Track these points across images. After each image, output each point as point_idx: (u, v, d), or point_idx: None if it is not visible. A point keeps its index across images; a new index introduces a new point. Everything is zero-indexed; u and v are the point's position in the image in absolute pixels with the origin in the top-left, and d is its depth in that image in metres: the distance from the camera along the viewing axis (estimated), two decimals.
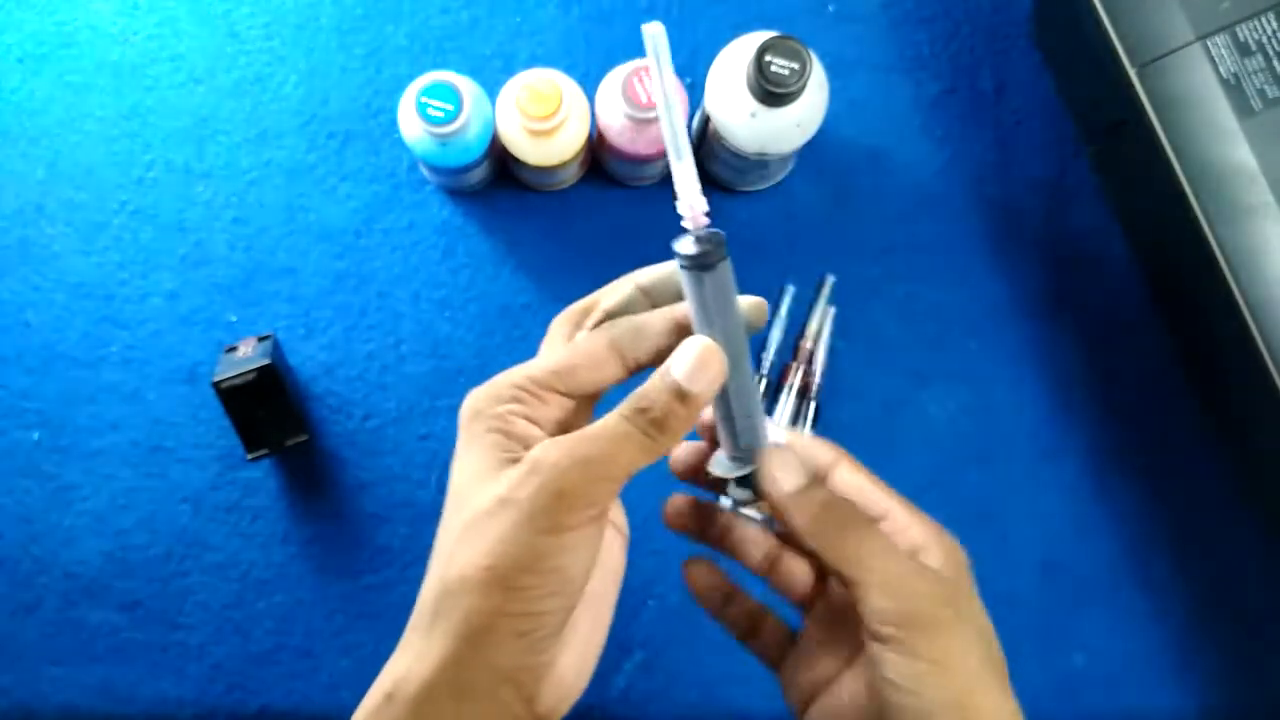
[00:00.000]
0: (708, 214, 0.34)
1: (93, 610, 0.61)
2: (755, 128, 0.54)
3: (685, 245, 0.33)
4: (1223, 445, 0.64)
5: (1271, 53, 0.51)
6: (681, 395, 0.33)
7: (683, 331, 0.36)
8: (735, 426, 0.36)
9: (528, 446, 0.34)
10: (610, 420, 0.34)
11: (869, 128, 0.65)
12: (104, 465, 0.61)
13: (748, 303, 0.36)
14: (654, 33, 0.36)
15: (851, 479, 0.38)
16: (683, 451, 0.42)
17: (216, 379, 0.56)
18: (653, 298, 0.38)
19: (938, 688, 0.33)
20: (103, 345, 0.62)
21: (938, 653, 0.33)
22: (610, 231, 0.63)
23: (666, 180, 0.64)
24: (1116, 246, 0.65)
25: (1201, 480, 0.64)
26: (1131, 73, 0.53)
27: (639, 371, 0.36)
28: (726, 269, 0.33)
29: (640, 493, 0.63)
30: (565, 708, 0.35)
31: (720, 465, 0.38)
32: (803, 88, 0.51)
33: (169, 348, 0.62)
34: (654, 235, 0.63)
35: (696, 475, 0.42)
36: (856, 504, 0.37)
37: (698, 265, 0.33)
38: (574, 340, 0.37)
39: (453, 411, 0.66)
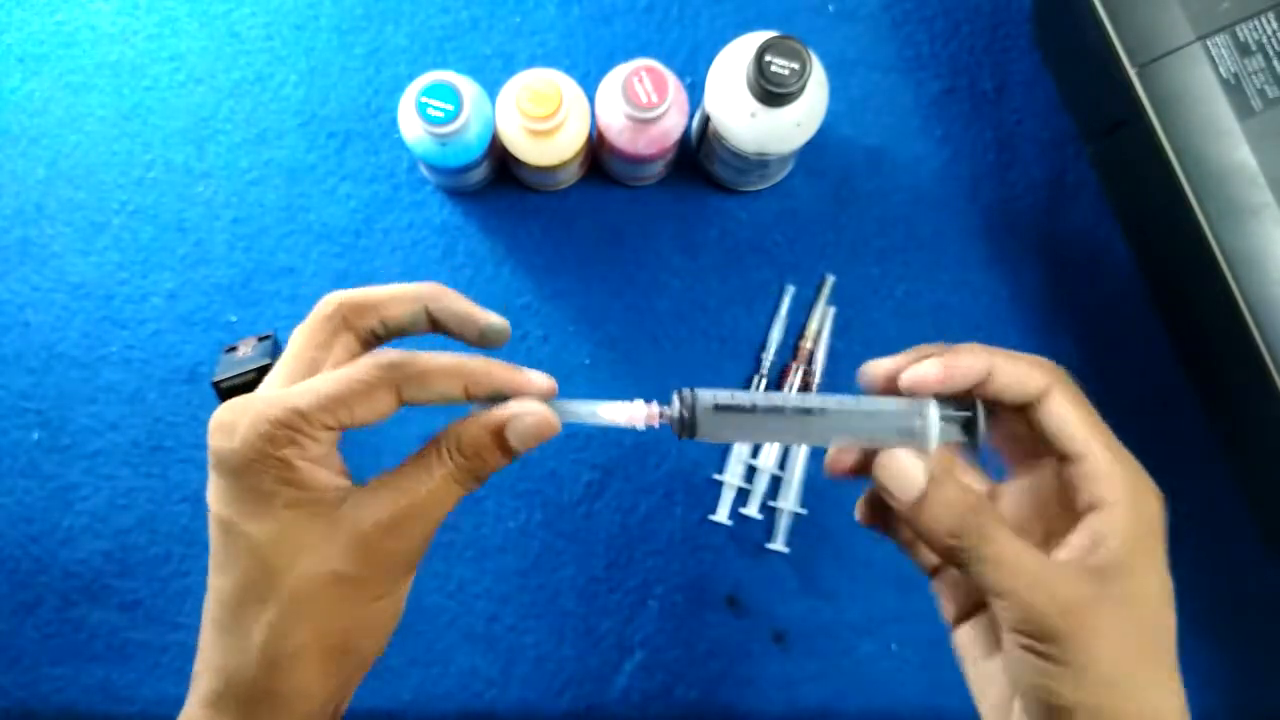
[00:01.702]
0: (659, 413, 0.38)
1: (93, 610, 0.61)
2: (755, 128, 0.54)
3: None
4: (1222, 445, 0.64)
5: (1271, 53, 0.51)
6: (511, 455, 0.35)
7: (482, 389, 0.36)
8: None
9: (313, 488, 0.34)
10: (433, 473, 0.35)
11: (869, 128, 0.65)
12: (104, 465, 0.61)
13: (489, 321, 0.37)
14: None
15: (1058, 411, 0.36)
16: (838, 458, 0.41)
17: (216, 379, 0.56)
18: (440, 326, 0.37)
19: (1069, 690, 0.32)
20: (103, 345, 0.62)
21: (1070, 658, 0.32)
22: (610, 231, 0.63)
23: (666, 180, 0.64)
24: (1116, 246, 0.65)
25: (1201, 480, 0.64)
26: (1131, 73, 0.53)
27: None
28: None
29: (638, 495, 0.63)
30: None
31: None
32: (803, 88, 0.51)
33: (169, 348, 0.62)
34: (654, 235, 0.63)
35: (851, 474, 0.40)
36: (987, 504, 0.35)
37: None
38: (347, 366, 0.35)
39: (453, 411, 0.66)
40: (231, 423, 0.33)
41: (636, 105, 0.54)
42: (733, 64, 0.54)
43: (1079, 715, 0.32)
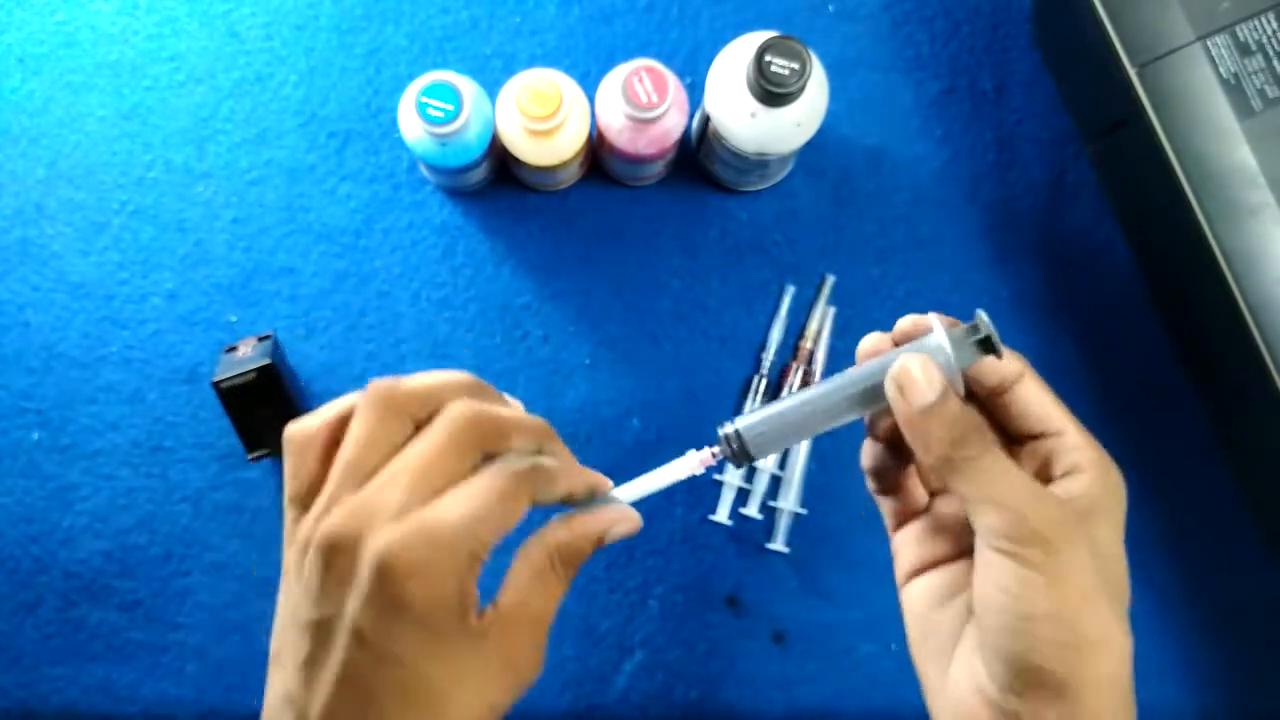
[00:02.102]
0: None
1: (93, 610, 0.61)
2: (755, 128, 0.54)
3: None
4: (1222, 445, 0.64)
5: (1271, 53, 0.51)
6: (601, 544, 0.38)
7: (584, 487, 0.39)
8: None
9: (472, 619, 0.34)
10: (556, 591, 0.37)
11: (869, 128, 0.65)
12: (104, 465, 0.61)
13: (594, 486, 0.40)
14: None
15: (1036, 394, 0.39)
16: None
17: (216, 379, 0.56)
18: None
19: (1042, 598, 0.34)
20: (103, 345, 0.62)
21: (1048, 568, 0.34)
22: (610, 231, 0.63)
23: (666, 180, 0.64)
24: (1116, 246, 0.65)
25: (1201, 480, 0.64)
26: (1131, 73, 0.53)
27: None
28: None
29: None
30: None
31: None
32: (803, 88, 0.51)
33: (169, 348, 0.62)
34: (654, 235, 0.63)
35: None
36: (985, 423, 0.38)
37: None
38: (487, 480, 0.35)
39: None
40: (423, 564, 0.32)
41: (636, 105, 0.54)
42: (733, 64, 0.54)
43: (1046, 625, 0.34)
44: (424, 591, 0.32)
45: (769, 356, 0.63)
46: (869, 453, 0.43)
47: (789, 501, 0.62)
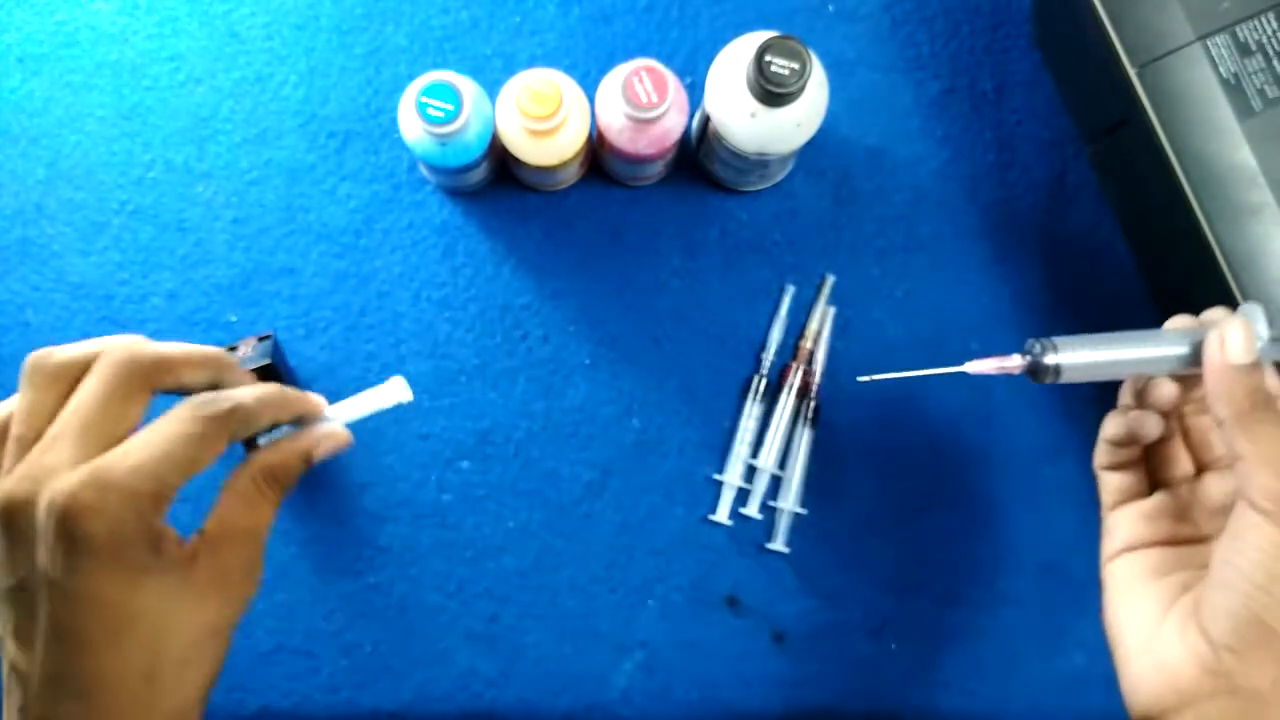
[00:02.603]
0: None
1: None
2: (755, 128, 0.54)
3: None
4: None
5: (1271, 53, 0.51)
6: (310, 466, 0.41)
7: (290, 413, 0.41)
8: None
9: (172, 553, 0.36)
10: (266, 510, 0.39)
11: (869, 128, 0.65)
12: None
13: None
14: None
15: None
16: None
17: None
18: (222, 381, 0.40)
19: None
20: None
21: None
22: (610, 231, 0.63)
23: (666, 180, 0.64)
24: (1116, 246, 0.65)
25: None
26: (1131, 73, 0.53)
27: None
28: None
29: (638, 495, 0.63)
30: None
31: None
32: (803, 88, 0.51)
33: None
34: (654, 235, 0.63)
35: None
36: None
37: None
38: (174, 421, 0.36)
39: (453, 411, 0.66)
40: (99, 503, 0.33)
41: (636, 105, 0.54)
42: (733, 64, 0.54)
43: None
44: (106, 529, 0.33)
45: (769, 356, 0.63)
46: (1118, 424, 0.45)
47: (789, 501, 0.62)
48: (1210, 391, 0.40)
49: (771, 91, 0.51)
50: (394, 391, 0.44)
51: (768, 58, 0.50)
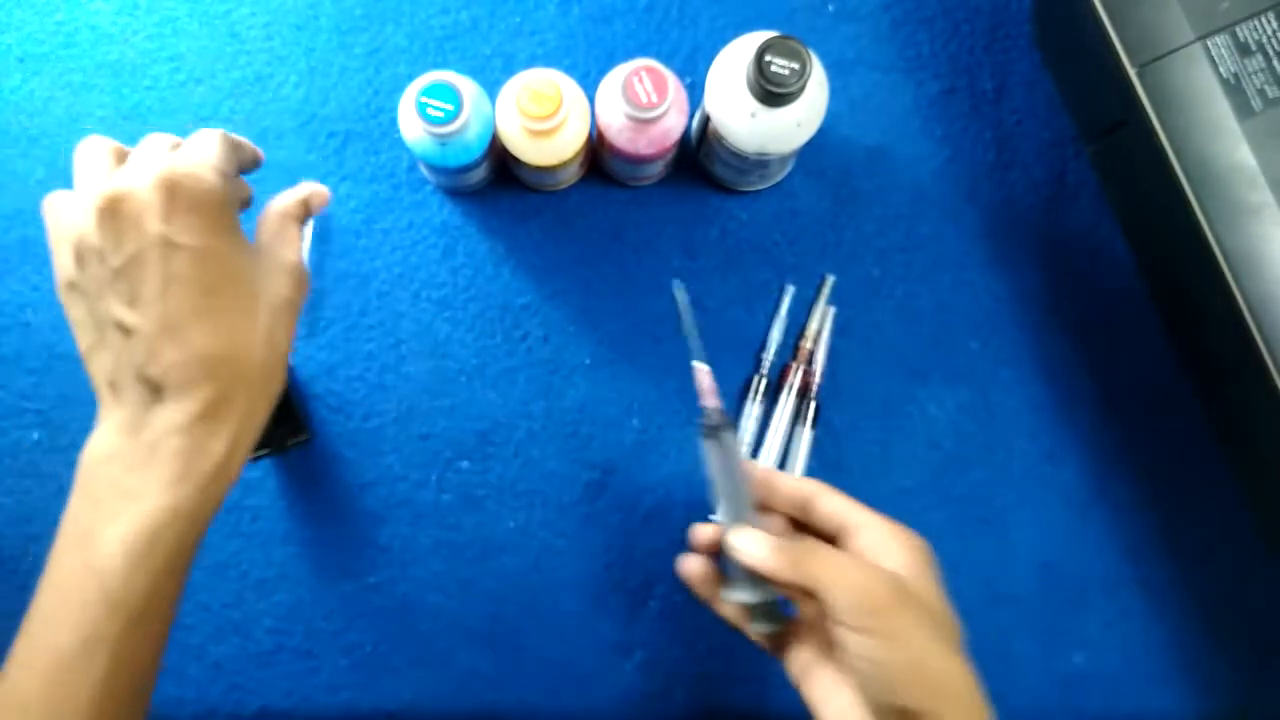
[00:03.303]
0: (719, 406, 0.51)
1: None
2: (755, 127, 0.54)
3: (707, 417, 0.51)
4: (1222, 445, 0.64)
5: (1271, 53, 0.51)
6: (307, 208, 0.48)
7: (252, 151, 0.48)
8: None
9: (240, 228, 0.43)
10: (290, 231, 0.46)
11: (869, 128, 0.65)
12: None
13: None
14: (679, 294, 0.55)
15: (832, 504, 0.48)
16: (694, 566, 0.51)
17: None
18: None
19: (892, 653, 0.41)
20: None
21: (889, 629, 0.41)
22: (610, 231, 0.63)
23: (666, 180, 0.64)
24: (1116, 246, 0.65)
25: (1201, 480, 0.64)
26: (1131, 73, 0.53)
27: None
28: (732, 437, 0.51)
29: (639, 495, 0.63)
30: None
31: (736, 593, 0.48)
32: (802, 88, 0.51)
33: None
34: (654, 235, 0.63)
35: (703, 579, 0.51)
36: (815, 537, 0.48)
37: (711, 434, 0.50)
38: (205, 136, 0.43)
39: (453, 411, 0.66)
40: (196, 169, 0.40)
41: (636, 105, 0.54)
42: (733, 64, 0.54)
43: (900, 673, 0.41)
44: (205, 189, 0.40)
45: (769, 356, 0.63)
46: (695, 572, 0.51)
47: None
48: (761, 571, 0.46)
49: (771, 91, 0.51)
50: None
51: (768, 58, 0.50)
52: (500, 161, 0.61)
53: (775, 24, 0.63)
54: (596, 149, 0.62)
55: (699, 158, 0.62)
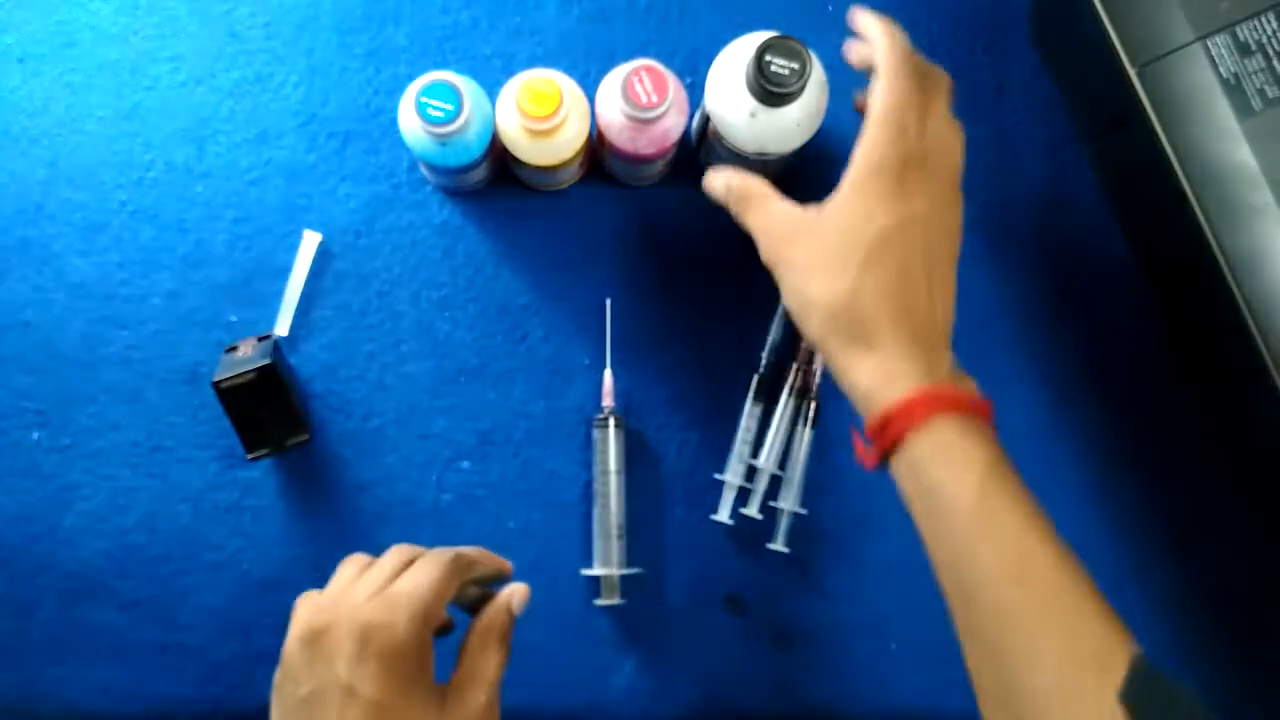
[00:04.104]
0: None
1: (93, 610, 0.61)
2: (755, 127, 0.54)
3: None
4: (1223, 445, 0.64)
5: (1271, 53, 0.51)
6: (513, 619, 0.48)
7: (496, 567, 0.50)
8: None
9: (431, 677, 0.43)
10: (494, 660, 0.46)
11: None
12: (104, 465, 0.61)
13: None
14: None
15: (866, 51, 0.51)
16: None
17: (216, 379, 0.56)
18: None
19: (785, 293, 0.49)
20: (103, 345, 0.62)
21: (779, 271, 0.50)
22: (610, 231, 0.63)
23: (666, 180, 0.64)
24: (1116, 246, 0.65)
25: (1201, 480, 0.64)
26: (1131, 72, 0.53)
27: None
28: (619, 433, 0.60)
29: (638, 495, 0.63)
30: None
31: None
32: (803, 88, 0.51)
33: (169, 348, 0.62)
34: (654, 235, 0.63)
35: None
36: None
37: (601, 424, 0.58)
38: (426, 566, 0.45)
39: (453, 411, 0.66)
40: (390, 620, 0.42)
41: (636, 105, 0.54)
42: (733, 64, 0.54)
43: (792, 308, 0.49)
44: (392, 640, 0.41)
45: (769, 356, 0.63)
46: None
47: (789, 501, 0.62)
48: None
49: (771, 91, 0.51)
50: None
51: (768, 57, 0.50)
52: (500, 161, 0.61)
53: (775, 24, 0.62)
54: (596, 149, 0.62)
55: (699, 158, 0.62)
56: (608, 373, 0.61)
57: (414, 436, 0.62)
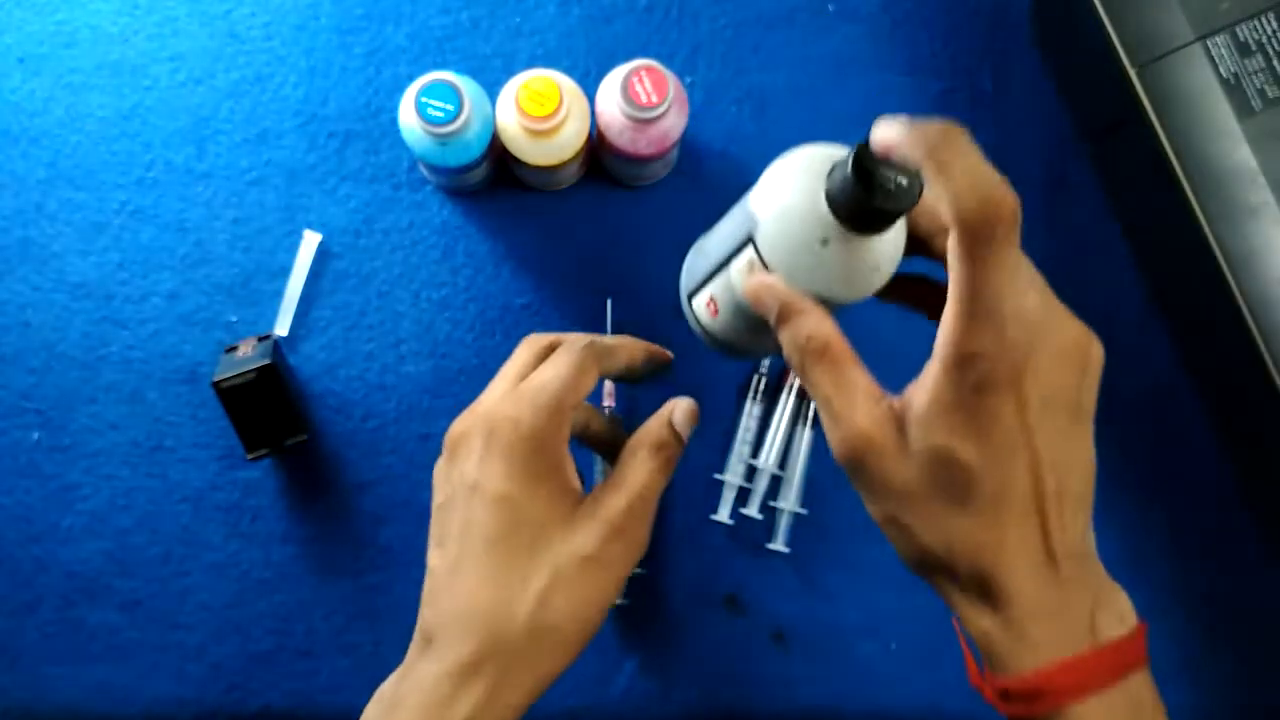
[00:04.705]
0: None
1: (93, 610, 0.61)
2: (825, 262, 0.37)
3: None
4: (1223, 445, 0.64)
5: (1271, 53, 0.51)
6: (679, 439, 0.43)
7: (641, 355, 0.47)
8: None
9: (569, 476, 0.41)
10: (643, 469, 0.42)
11: (869, 127, 0.64)
12: (104, 465, 0.61)
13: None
14: None
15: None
16: None
17: (216, 379, 0.56)
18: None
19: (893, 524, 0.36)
20: (103, 345, 0.62)
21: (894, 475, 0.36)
22: (610, 231, 0.63)
23: (666, 180, 0.64)
24: (1116, 246, 0.65)
25: (1202, 480, 0.64)
26: (1131, 72, 0.53)
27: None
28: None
29: None
30: None
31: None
32: (913, 202, 0.37)
33: (169, 348, 0.62)
34: (654, 235, 0.63)
35: None
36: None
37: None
38: (561, 357, 0.43)
39: (453, 411, 0.66)
40: (516, 414, 0.40)
41: (636, 105, 0.54)
42: (798, 177, 0.37)
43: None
44: (517, 433, 0.40)
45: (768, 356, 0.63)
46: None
47: (789, 501, 0.62)
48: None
49: (875, 209, 0.36)
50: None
51: (870, 164, 0.36)
52: (500, 161, 0.61)
53: (775, 24, 0.63)
54: (596, 149, 0.62)
55: (686, 306, 0.48)
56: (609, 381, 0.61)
57: (414, 436, 0.62)
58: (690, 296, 0.45)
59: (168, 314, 0.62)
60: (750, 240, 0.38)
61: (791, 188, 0.37)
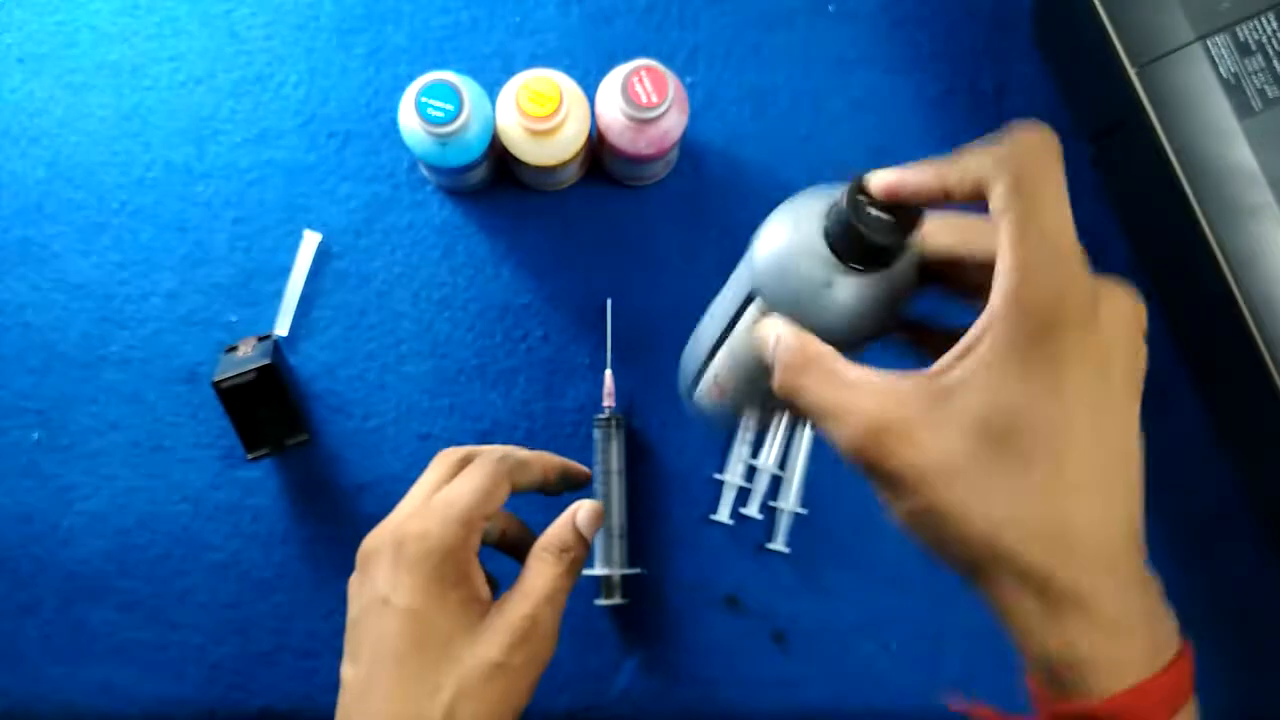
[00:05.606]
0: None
1: (93, 610, 0.61)
2: (834, 303, 0.37)
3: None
4: (1222, 445, 0.64)
5: (1271, 53, 0.51)
6: (583, 540, 0.45)
7: (555, 471, 0.48)
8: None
9: (477, 586, 0.42)
10: (548, 572, 0.43)
11: (869, 128, 0.65)
12: (104, 465, 0.61)
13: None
14: None
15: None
16: None
17: (216, 379, 0.56)
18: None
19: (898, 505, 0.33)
20: (103, 345, 0.62)
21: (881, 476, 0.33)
22: (610, 231, 0.63)
23: (666, 180, 0.64)
24: (1116, 246, 0.65)
25: (1201, 481, 0.64)
26: (1131, 72, 0.53)
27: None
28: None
29: (638, 495, 0.63)
30: None
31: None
32: (909, 241, 0.37)
33: (169, 348, 0.62)
34: (654, 235, 0.63)
35: None
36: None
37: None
38: (473, 472, 0.44)
39: (453, 411, 0.66)
40: (424, 529, 0.42)
41: (636, 105, 0.54)
42: (798, 221, 0.38)
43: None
44: (425, 547, 0.41)
45: None
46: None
47: (789, 501, 0.62)
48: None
49: (872, 244, 0.35)
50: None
51: (862, 196, 0.37)
52: (500, 161, 0.61)
53: (775, 24, 0.63)
54: (596, 149, 0.62)
55: (692, 384, 0.47)
56: (608, 373, 0.61)
57: (414, 436, 0.62)
58: (693, 385, 0.43)
59: (167, 314, 0.62)
60: (753, 296, 0.37)
61: (789, 233, 0.36)
